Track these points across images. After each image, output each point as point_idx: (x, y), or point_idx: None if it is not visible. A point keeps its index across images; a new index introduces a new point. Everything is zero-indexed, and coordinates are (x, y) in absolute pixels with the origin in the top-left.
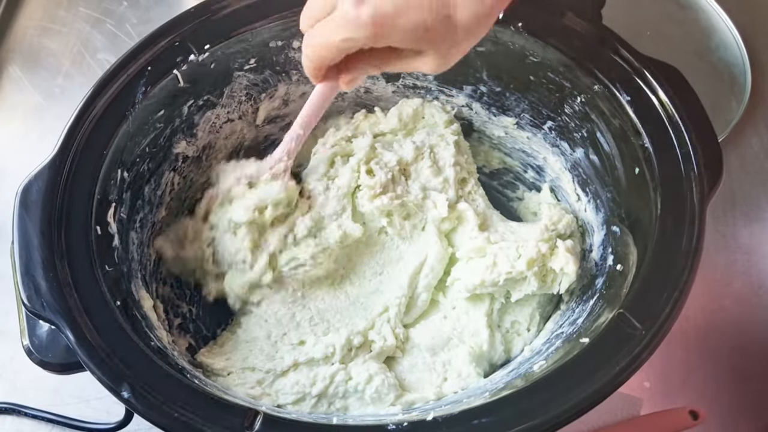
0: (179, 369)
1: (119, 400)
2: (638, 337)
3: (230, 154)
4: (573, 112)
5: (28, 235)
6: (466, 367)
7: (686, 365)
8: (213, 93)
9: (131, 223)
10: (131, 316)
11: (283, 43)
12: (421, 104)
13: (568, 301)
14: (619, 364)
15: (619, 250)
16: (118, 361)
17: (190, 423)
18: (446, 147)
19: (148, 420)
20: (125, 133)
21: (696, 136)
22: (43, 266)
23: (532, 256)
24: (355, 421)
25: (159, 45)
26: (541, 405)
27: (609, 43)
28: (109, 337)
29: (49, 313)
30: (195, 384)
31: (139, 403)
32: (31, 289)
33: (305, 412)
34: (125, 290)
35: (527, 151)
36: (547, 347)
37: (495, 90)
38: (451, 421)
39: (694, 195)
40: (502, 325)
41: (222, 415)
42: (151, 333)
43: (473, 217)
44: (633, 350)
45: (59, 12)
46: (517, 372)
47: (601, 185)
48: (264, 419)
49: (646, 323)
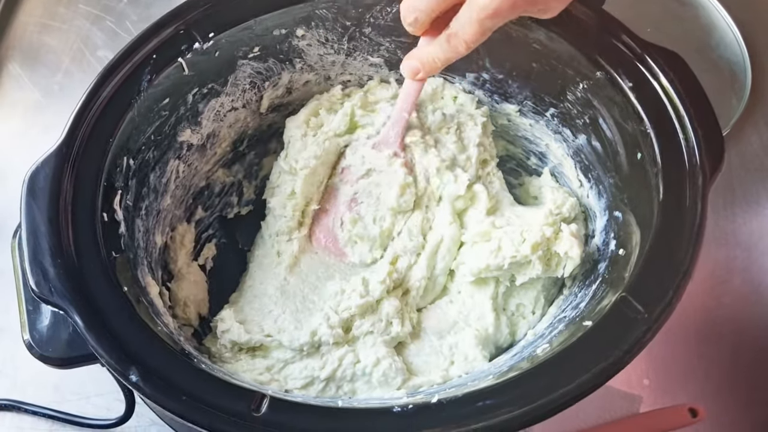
0: (186, 354)
1: (127, 383)
2: (641, 320)
3: (234, 143)
4: (575, 99)
5: (36, 221)
6: (473, 350)
7: (686, 362)
8: (217, 81)
9: (137, 211)
10: (138, 302)
11: (286, 32)
12: (442, 84)
13: (570, 286)
14: (622, 347)
15: (622, 235)
16: (126, 346)
17: (197, 406)
18: (473, 127)
19: (156, 402)
20: (131, 121)
21: (698, 122)
22: (51, 252)
23: (537, 240)
24: (361, 404)
25: (164, 33)
26: (544, 387)
27: (611, 29)
28: (116, 321)
29: (57, 298)
30: (202, 368)
31: (147, 387)
32: (39, 275)
33: (311, 396)
34: (132, 277)
35: (530, 138)
36: (550, 331)
37: (497, 77)
38: (456, 404)
39: (696, 180)
40: (507, 308)
41: (229, 399)
42: (158, 319)
43: (485, 199)
44: (636, 333)
45: (59, 9)
46: (520, 356)
47: (604, 171)
48: (271, 402)
49: (649, 307)
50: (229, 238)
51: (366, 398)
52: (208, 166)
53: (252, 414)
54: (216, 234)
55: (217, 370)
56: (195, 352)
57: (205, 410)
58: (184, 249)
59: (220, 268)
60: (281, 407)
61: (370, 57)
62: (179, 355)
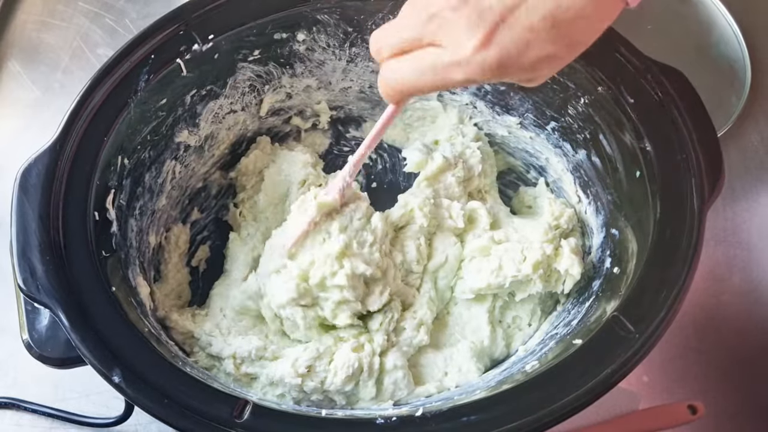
0: (172, 357)
1: (110, 384)
2: (631, 340)
3: (233, 145)
4: (576, 113)
5: (27, 218)
6: (467, 362)
7: (685, 360)
8: (216, 83)
9: (131, 210)
10: (127, 302)
11: (287, 36)
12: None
13: (564, 303)
14: (610, 366)
15: (618, 253)
16: (110, 346)
17: (180, 410)
18: (473, 154)
19: (138, 405)
20: (127, 120)
21: (698, 141)
22: (40, 250)
23: (538, 259)
24: (344, 414)
25: (163, 33)
26: (530, 405)
27: (614, 44)
28: (102, 322)
29: (44, 297)
30: (186, 372)
31: (130, 389)
32: (27, 272)
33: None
34: (122, 277)
35: (530, 151)
36: (540, 348)
37: (499, 89)
38: (440, 418)
39: (694, 201)
40: (504, 320)
41: (211, 404)
42: (146, 320)
43: (485, 216)
44: (625, 353)
45: (58, 7)
46: (509, 371)
47: (602, 188)
48: (253, 408)
49: (640, 327)
50: (223, 241)
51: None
52: (205, 168)
53: (234, 420)
54: (210, 236)
55: (203, 374)
56: (182, 355)
57: (187, 414)
58: (178, 250)
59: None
60: (263, 414)
61: (372, 63)
62: (164, 358)
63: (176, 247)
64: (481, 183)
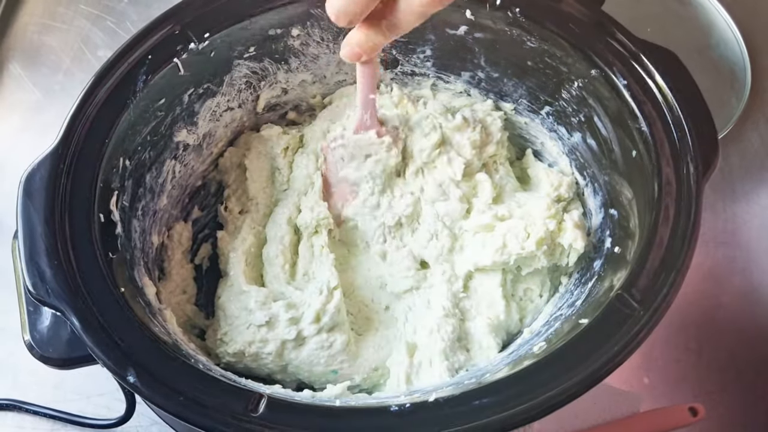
0: (183, 354)
1: (125, 384)
2: (636, 317)
3: (230, 142)
4: (570, 97)
5: (32, 222)
6: (486, 338)
7: (685, 362)
8: (213, 81)
9: (133, 211)
10: (135, 302)
11: (282, 31)
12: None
13: (566, 284)
14: (618, 343)
15: (617, 233)
16: (123, 346)
17: (195, 406)
18: (493, 121)
19: (153, 403)
20: (126, 122)
21: (692, 119)
22: (48, 253)
23: (541, 236)
24: (358, 403)
25: (159, 34)
26: (540, 385)
27: (606, 27)
28: (113, 322)
29: (54, 300)
30: (199, 368)
31: (145, 387)
32: (36, 276)
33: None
34: (128, 277)
35: (525, 137)
36: (546, 329)
37: (493, 76)
38: (453, 402)
39: (691, 177)
40: (516, 293)
41: (226, 399)
42: (155, 319)
43: (489, 189)
44: (631, 330)
45: (59, 9)
46: (517, 353)
47: (599, 169)
48: (268, 402)
49: (644, 303)
50: None
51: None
52: (204, 166)
53: (249, 414)
54: (212, 234)
55: (215, 369)
56: (192, 352)
57: (202, 410)
58: (181, 247)
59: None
60: (279, 407)
61: None
62: (176, 355)
63: (179, 245)
64: (498, 151)
